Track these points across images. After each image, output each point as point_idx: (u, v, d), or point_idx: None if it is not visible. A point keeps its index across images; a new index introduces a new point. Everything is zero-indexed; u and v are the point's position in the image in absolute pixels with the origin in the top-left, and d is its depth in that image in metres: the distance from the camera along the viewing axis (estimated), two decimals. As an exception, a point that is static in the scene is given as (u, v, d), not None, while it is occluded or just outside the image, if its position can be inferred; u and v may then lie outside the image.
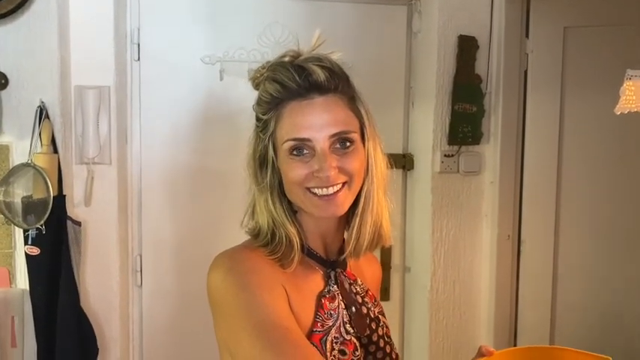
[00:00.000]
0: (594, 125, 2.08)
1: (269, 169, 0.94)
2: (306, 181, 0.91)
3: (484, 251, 2.12)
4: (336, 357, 0.92)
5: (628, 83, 1.05)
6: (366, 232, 0.96)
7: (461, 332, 2.10)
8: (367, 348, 0.97)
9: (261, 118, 0.94)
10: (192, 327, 1.92)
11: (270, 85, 0.92)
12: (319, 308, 0.94)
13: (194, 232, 1.96)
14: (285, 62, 0.92)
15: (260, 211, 0.95)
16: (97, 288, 1.82)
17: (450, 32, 1.99)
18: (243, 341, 0.84)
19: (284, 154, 0.91)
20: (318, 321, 0.93)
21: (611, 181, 2.12)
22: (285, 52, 0.94)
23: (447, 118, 2.01)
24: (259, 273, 0.89)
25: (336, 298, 0.96)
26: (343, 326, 0.95)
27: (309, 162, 0.90)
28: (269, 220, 0.94)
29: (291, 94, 0.90)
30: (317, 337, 0.92)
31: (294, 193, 0.93)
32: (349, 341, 0.94)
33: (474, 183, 2.08)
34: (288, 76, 0.90)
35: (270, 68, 0.93)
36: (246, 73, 1.91)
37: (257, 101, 0.95)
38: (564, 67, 2.08)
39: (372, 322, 0.99)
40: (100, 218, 1.82)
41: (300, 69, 0.90)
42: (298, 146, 0.90)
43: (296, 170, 0.91)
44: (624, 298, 2.13)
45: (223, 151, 1.93)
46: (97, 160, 1.80)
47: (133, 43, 1.88)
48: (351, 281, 1.01)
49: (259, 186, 0.95)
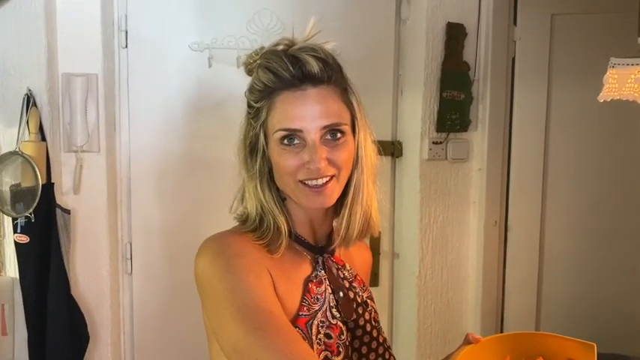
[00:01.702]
0: (581, 112, 2.10)
1: (259, 157, 0.94)
2: (296, 171, 0.91)
3: (471, 237, 2.14)
4: (321, 340, 0.93)
5: (611, 71, 1.06)
6: (355, 223, 0.97)
7: (448, 317, 2.13)
8: (354, 332, 0.98)
9: (253, 105, 0.94)
10: (183, 313, 1.93)
11: (263, 74, 0.91)
12: (306, 293, 0.95)
13: (184, 219, 1.96)
14: (279, 51, 0.92)
15: (249, 197, 0.96)
16: (87, 276, 1.83)
17: (438, 19, 2.00)
18: (227, 324, 0.84)
19: (275, 143, 0.92)
20: (304, 305, 0.94)
21: (596, 168, 2.15)
22: (279, 40, 0.94)
23: (436, 106, 2.02)
24: (246, 257, 0.90)
25: (323, 282, 0.97)
26: (329, 310, 0.96)
27: (300, 152, 0.91)
28: (257, 207, 0.95)
29: (284, 84, 0.90)
30: (303, 320, 0.93)
31: (284, 182, 0.94)
32: (335, 325, 0.96)
33: (462, 170, 2.10)
34: (282, 66, 0.90)
35: (264, 56, 0.93)
36: (235, 60, 1.91)
37: (249, 88, 0.95)
38: (551, 55, 2.09)
39: (359, 306, 1.00)
40: (89, 206, 1.81)
41: (294, 59, 0.90)
42: (289, 136, 0.91)
43: (287, 160, 0.91)
44: (609, 284, 2.17)
45: (212, 139, 1.93)
46: (86, 148, 1.79)
47: (120, 30, 1.87)
48: (339, 266, 1.02)
49: (249, 173, 0.95)
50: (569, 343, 0.96)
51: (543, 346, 0.98)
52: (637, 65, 1.03)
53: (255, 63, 0.95)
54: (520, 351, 0.97)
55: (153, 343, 1.98)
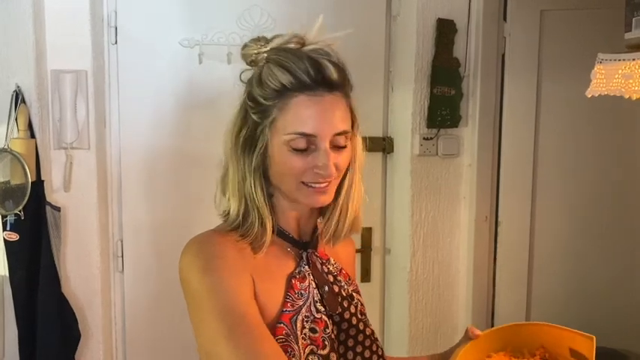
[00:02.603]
0: (570, 107, 2.12)
1: (256, 153, 0.93)
2: (302, 174, 0.92)
3: (462, 233, 2.15)
4: (307, 335, 0.94)
5: (598, 67, 1.07)
6: (346, 220, 1.00)
7: (440, 312, 2.14)
8: (340, 325, 0.99)
9: (262, 102, 0.92)
10: (175, 311, 1.93)
11: (281, 73, 0.90)
12: (289, 289, 0.96)
13: (175, 216, 1.96)
14: (296, 50, 0.91)
15: (232, 192, 0.95)
16: (77, 273, 1.82)
17: (428, 15, 2.00)
18: (202, 324, 0.87)
19: (283, 143, 0.91)
20: (288, 301, 0.95)
21: (586, 163, 2.17)
22: (288, 36, 0.93)
23: (426, 102, 2.02)
24: (225, 258, 0.91)
25: (306, 278, 0.98)
26: (314, 305, 0.97)
27: (309, 156, 0.91)
28: (242, 202, 0.94)
29: (302, 87, 0.89)
30: (287, 316, 0.93)
31: (285, 182, 0.94)
32: (320, 319, 0.96)
33: (453, 166, 2.11)
34: (302, 68, 0.89)
35: (278, 52, 0.91)
36: (225, 56, 1.91)
37: (259, 83, 0.92)
38: (541, 51, 2.10)
39: (344, 300, 1.01)
40: (79, 203, 1.81)
41: (315, 63, 0.90)
42: (301, 140, 0.90)
43: (295, 163, 0.91)
44: (599, 278, 2.19)
45: (203, 135, 1.93)
46: (76, 145, 1.79)
47: (110, 26, 1.86)
48: (324, 261, 1.02)
49: (239, 166, 0.94)
50: (569, 334, 0.97)
51: (543, 336, 0.99)
52: (624, 61, 1.04)
53: (261, 55, 0.93)
54: (520, 342, 0.98)
55: (144, 341, 1.98)
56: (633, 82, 1.03)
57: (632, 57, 1.03)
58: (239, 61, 1.97)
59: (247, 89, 0.95)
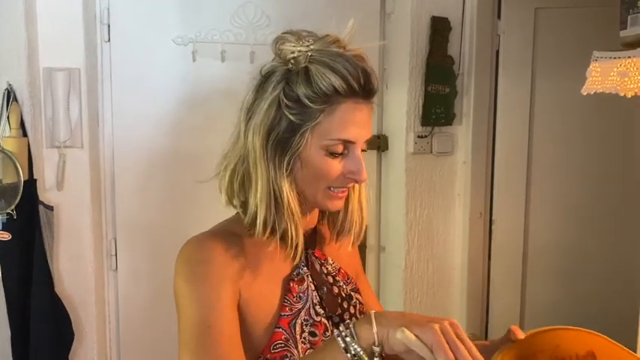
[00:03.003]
0: (564, 105, 2.12)
1: (291, 156, 0.90)
2: (335, 179, 0.91)
3: (457, 230, 2.16)
4: (306, 339, 0.93)
5: (594, 64, 1.07)
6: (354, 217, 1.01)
7: (435, 309, 2.14)
8: (339, 327, 0.98)
9: (307, 104, 0.88)
10: (169, 310, 1.90)
11: (333, 77, 0.87)
12: (287, 292, 0.94)
13: (169, 214, 1.95)
14: (344, 55, 0.89)
15: (261, 198, 0.90)
16: (71, 272, 1.81)
17: (422, 13, 2.00)
18: (178, 330, 0.87)
19: (321, 148, 0.89)
20: (286, 305, 0.93)
21: (580, 161, 2.18)
22: (329, 37, 0.91)
23: (421, 100, 2.02)
24: (213, 264, 0.89)
25: (305, 280, 0.96)
26: (313, 308, 0.95)
27: (342, 162, 0.91)
28: (273, 209, 0.90)
29: (351, 94, 0.88)
30: (285, 321, 0.92)
31: (313, 186, 0.92)
32: (319, 322, 0.95)
33: (447, 163, 2.11)
34: (355, 75, 0.88)
35: (326, 55, 0.88)
36: (219, 54, 1.90)
37: (307, 83, 0.88)
38: (535, 48, 2.11)
39: (343, 301, 1.00)
40: (72, 202, 1.79)
41: (364, 71, 0.89)
42: (340, 145, 0.90)
43: (332, 167, 0.90)
44: (593, 274, 2.20)
45: (197, 133, 1.92)
46: (69, 143, 1.77)
47: (102, 23, 1.85)
48: (322, 261, 1.01)
49: (273, 171, 0.90)
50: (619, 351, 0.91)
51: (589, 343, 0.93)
52: (619, 59, 1.04)
53: (303, 54, 0.89)
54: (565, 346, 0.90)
55: (139, 340, 1.97)
56: (629, 80, 1.03)
57: (628, 55, 1.03)
58: (233, 59, 1.98)
59: (281, 87, 0.89)
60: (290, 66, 0.90)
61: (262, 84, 0.92)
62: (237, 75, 1.91)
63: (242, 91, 2.05)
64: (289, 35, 0.91)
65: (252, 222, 0.92)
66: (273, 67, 0.92)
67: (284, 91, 0.89)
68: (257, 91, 0.92)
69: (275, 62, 0.93)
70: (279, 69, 0.91)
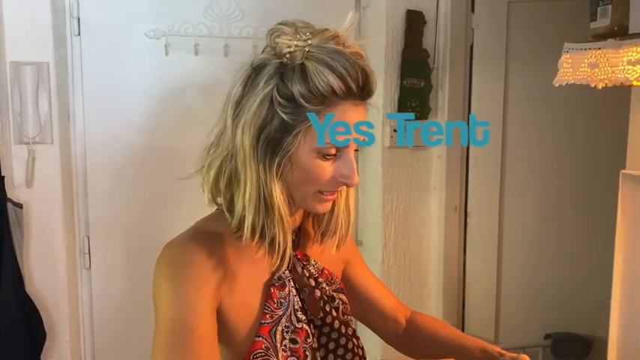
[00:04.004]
0: (537, 98, 2.15)
1: (281, 157, 0.85)
2: (327, 182, 0.87)
3: (433, 223, 2.17)
4: (287, 347, 0.90)
5: (565, 56, 1.09)
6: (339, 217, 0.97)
7: (412, 302, 2.15)
8: (321, 329, 0.96)
9: (302, 103, 0.82)
10: (145, 308, 1.87)
11: (332, 78, 0.82)
12: (268, 299, 0.91)
13: (143, 211, 1.92)
14: (343, 53, 0.84)
15: (249, 200, 0.85)
16: (42, 272, 1.77)
17: (397, 7, 2.00)
18: (155, 331, 0.85)
19: (313, 151, 0.84)
20: (266, 312, 0.91)
21: (553, 153, 2.21)
22: (324, 30, 0.86)
23: (396, 94, 2.03)
24: (196, 267, 0.86)
25: (286, 285, 0.93)
26: (294, 314, 0.92)
27: (333, 164, 0.87)
28: (262, 214, 0.86)
29: (349, 96, 0.84)
30: (266, 329, 0.90)
31: (303, 189, 0.88)
32: (301, 329, 0.92)
33: (423, 157, 2.12)
34: (354, 76, 0.83)
35: (324, 52, 0.83)
36: (192, 47, 1.87)
37: (303, 81, 0.82)
38: (508, 41, 2.13)
39: (325, 304, 0.97)
40: (43, 199, 1.76)
41: (363, 72, 0.85)
42: (333, 148, 0.85)
43: (324, 170, 0.86)
44: (566, 268, 2.24)
45: (170, 128, 1.89)
46: (38, 139, 1.73)
47: (72, 17, 1.81)
48: (304, 263, 0.97)
49: (262, 173, 0.85)
50: None
51: None
52: (589, 50, 1.05)
53: (301, 49, 0.83)
54: None
55: (114, 340, 1.94)
56: (599, 71, 1.04)
57: (598, 46, 1.05)
58: (207, 53, 1.95)
59: (275, 83, 0.83)
60: (285, 60, 0.84)
61: (253, 77, 0.85)
62: (210, 69, 1.89)
63: (216, 85, 2.03)
64: (286, 27, 0.85)
65: (240, 225, 0.87)
66: (265, 59, 0.86)
67: (277, 88, 0.83)
68: (246, 84, 0.86)
69: (266, 54, 0.86)
70: (271, 62, 0.85)
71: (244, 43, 1.90)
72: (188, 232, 0.92)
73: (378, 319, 1.13)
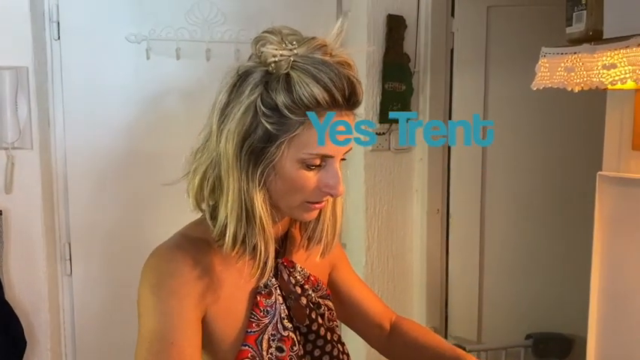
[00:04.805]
0: (517, 101, 2.18)
1: (264, 167, 0.84)
2: (311, 192, 0.86)
3: (415, 226, 2.19)
4: (273, 355, 0.90)
5: (542, 60, 1.10)
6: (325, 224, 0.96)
7: (395, 304, 2.16)
8: (307, 336, 0.96)
9: (285, 114, 0.81)
10: (127, 315, 1.86)
11: (316, 89, 0.81)
12: (254, 307, 0.91)
13: (125, 216, 1.91)
14: (329, 63, 0.82)
15: (231, 209, 0.84)
16: (22, 278, 1.75)
17: (378, 11, 2.02)
18: (137, 341, 0.84)
19: (297, 161, 0.84)
20: (252, 321, 0.90)
21: (533, 155, 2.24)
22: (311, 39, 0.85)
23: (378, 97, 2.04)
24: (181, 277, 0.86)
25: (273, 293, 0.93)
26: (280, 322, 0.92)
27: (318, 174, 0.86)
28: (244, 223, 0.85)
29: (333, 106, 0.83)
30: (252, 338, 0.90)
31: (288, 199, 0.87)
32: (287, 337, 0.92)
33: (405, 160, 2.14)
34: (340, 88, 0.82)
35: (309, 62, 0.82)
36: (174, 52, 1.87)
37: (286, 91, 0.81)
38: (488, 45, 2.16)
39: (311, 311, 0.96)
40: (22, 206, 1.73)
41: (350, 83, 0.83)
42: (318, 158, 0.84)
43: (308, 180, 0.85)
44: (547, 267, 2.27)
45: (152, 132, 1.88)
46: (17, 144, 1.71)
47: (52, 21, 1.79)
48: (290, 270, 0.97)
49: (245, 182, 0.84)
50: None
51: None
52: (566, 54, 1.07)
53: (286, 59, 0.82)
54: None
55: (95, 347, 1.92)
56: (575, 75, 1.06)
57: (574, 50, 1.06)
58: (188, 57, 1.95)
59: (259, 92, 0.82)
60: (270, 69, 0.83)
61: (239, 84, 0.85)
62: (192, 73, 1.88)
63: (198, 89, 2.03)
64: (271, 36, 0.84)
65: (222, 234, 0.86)
66: (251, 67, 0.85)
67: (261, 97, 0.82)
68: (232, 91, 0.85)
69: (252, 61, 0.86)
70: (257, 70, 0.84)
71: (226, 48, 1.90)
72: (175, 239, 0.91)
73: (363, 324, 1.13)
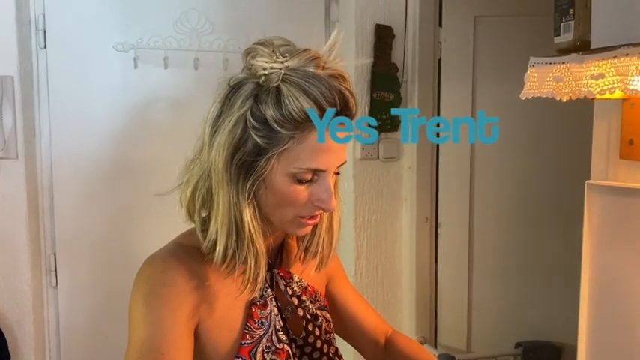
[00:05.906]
0: (504, 111, 2.18)
1: (254, 181, 0.82)
2: (303, 207, 0.85)
3: (404, 235, 2.18)
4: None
5: (531, 70, 1.11)
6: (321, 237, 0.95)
7: (385, 313, 2.14)
8: (303, 349, 0.95)
9: (275, 128, 0.79)
10: (113, 327, 1.85)
11: (306, 103, 0.79)
12: (248, 318, 0.89)
13: (111, 227, 1.88)
14: (320, 77, 0.80)
15: (221, 222, 0.83)
16: (6, 290, 1.72)
17: (367, 21, 2.02)
18: (126, 349, 0.82)
19: (288, 175, 0.82)
20: (247, 332, 0.89)
21: (521, 164, 2.25)
22: (303, 51, 0.83)
23: (367, 107, 2.04)
24: (174, 287, 0.84)
25: (268, 304, 0.91)
26: (275, 334, 0.90)
27: (310, 187, 0.84)
28: (234, 236, 0.83)
29: None
30: (246, 350, 0.88)
31: (279, 213, 0.86)
32: (282, 350, 0.90)
33: (394, 169, 2.14)
34: (331, 101, 0.80)
35: (300, 76, 0.80)
36: (162, 61, 1.86)
37: (276, 105, 0.79)
38: (475, 55, 2.17)
39: (308, 323, 0.95)
40: (7, 216, 1.71)
41: (342, 97, 0.82)
42: (309, 173, 0.83)
43: (299, 195, 0.83)
44: (536, 276, 2.28)
45: (139, 142, 1.87)
46: (2, 154, 1.69)
47: (38, 30, 1.78)
48: (287, 280, 0.95)
49: (234, 196, 0.82)
50: None
51: None
52: (554, 64, 1.08)
53: (277, 72, 0.80)
54: None
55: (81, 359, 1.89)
56: (563, 85, 1.07)
57: (562, 60, 1.07)
58: (176, 66, 1.94)
59: (249, 105, 0.81)
60: (261, 81, 0.81)
61: (230, 96, 0.83)
62: (180, 82, 1.88)
63: (186, 98, 2.01)
64: (262, 48, 0.83)
65: (212, 248, 0.85)
66: (242, 78, 0.83)
67: (251, 110, 0.80)
68: (224, 102, 0.83)
69: (244, 73, 0.84)
70: (249, 82, 0.82)
71: (214, 57, 1.90)
72: (169, 247, 0.90)
73: (358, 338, 1.12)
